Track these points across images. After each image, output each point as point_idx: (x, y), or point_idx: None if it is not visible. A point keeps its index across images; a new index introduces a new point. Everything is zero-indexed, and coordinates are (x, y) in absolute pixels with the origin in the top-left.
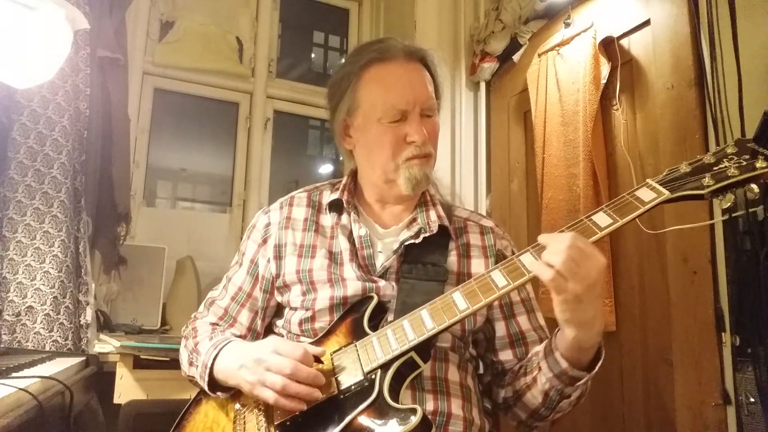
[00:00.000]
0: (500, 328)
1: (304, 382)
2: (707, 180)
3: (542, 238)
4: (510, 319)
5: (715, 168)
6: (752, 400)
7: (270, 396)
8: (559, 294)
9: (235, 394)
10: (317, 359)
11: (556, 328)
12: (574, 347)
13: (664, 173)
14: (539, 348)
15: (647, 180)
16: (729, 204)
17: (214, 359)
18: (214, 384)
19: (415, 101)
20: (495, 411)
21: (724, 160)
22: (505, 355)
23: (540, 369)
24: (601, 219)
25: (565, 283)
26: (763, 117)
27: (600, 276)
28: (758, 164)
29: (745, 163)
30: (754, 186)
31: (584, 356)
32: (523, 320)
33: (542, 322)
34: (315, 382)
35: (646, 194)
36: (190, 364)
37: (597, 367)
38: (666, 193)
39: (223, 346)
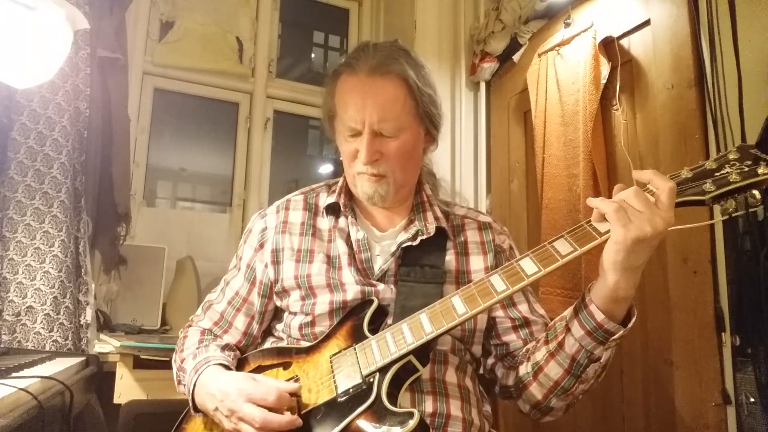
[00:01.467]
0: (501, 316)
1: (278, 430)
2: (709, 186)
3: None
4: (510, 307)
5: (716, 174)
6: (752, 400)
7: None
8: (621, 228)
9: None
10: (294, 393)
11: (586, 288)
12: (610, 297)
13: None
14: (565, 313)
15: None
16: (731, 210)
17: (194, 385)
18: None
19: (364, 121)
20: (504, 396)
21: (726, 165)
22: (509, 338)
23: (568, 330)
24: (603, 224)
25: (627, 219)
26: (765, 123)
27: (665, 232)
28: (760, 170)
29: (747, 169)
30: (755, 192)
31: (618, 309)
32: (523, 308)
33: (542, 311)
34: (289, 428)
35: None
36: (179, 382)
37: (631, 323)
38: None
39: (202, 371)
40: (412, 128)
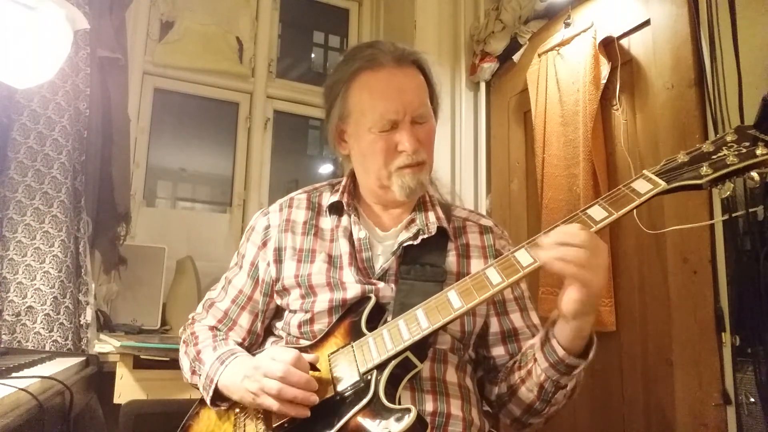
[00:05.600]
0: (493, 325)
1: (296, 385)
2: (705, 169)
3: (547, 237)
4: (503, 316)
5: (713, 156)
6: (752, 400)
7: (272, 403)
8: (584, 287)
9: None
10: (313, 366)
11: (551, 318)
12: (572, 336)
13: (662, 163)
14: (534, 340)
15: (644, 171)
16: (728, 193)
17: (220, 374)
18: (218, 396)
19: (405, 110)
20: (489, 407)
21: (724, 148)
22: (497, 351)
23: (536, 360)
24: (597, 212)
25: (590, 276)
26: (762, 103)
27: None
28: (758, 151)
29: (744, 150)
30: (754, 174)
31: (580, 344)
32: (515, 317)
33: (536, 320)
34: (307, 386)
35: (642, 186)
36: (193, 372)
37: (591, 355)
38: (662, 184)
39: (230, 361)
40: (432, 113)
